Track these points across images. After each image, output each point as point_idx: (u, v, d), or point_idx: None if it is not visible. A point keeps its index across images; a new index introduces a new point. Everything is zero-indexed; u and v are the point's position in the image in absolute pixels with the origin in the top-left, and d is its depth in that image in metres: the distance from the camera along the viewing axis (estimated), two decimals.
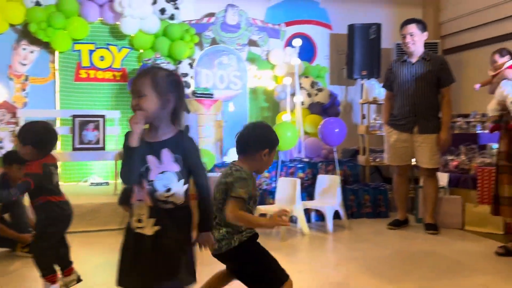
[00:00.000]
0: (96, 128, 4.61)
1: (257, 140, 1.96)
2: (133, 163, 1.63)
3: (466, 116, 4.71)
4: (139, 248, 1.64)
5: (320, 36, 6.16)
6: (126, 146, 1.62)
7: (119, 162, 4.13)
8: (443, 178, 4.20)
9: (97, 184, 4.97)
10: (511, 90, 3.02)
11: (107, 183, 4.98)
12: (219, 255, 1.93)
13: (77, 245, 3.50)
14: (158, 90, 1.63)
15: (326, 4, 6.18)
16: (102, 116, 4.68)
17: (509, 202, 3.14)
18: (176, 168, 1.65)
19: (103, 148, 4.61)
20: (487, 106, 3.18)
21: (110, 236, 3.73)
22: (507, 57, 3.10)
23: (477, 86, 3.30)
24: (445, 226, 3.97)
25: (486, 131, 3.69)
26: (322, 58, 6.17)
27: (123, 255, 1.69)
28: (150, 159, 1.65)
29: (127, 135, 1.62)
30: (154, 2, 5.06)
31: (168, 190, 1.65)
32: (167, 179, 1.65)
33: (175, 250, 1.65)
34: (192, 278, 1.68)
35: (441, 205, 4.02)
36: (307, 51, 6.05)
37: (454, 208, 4.01)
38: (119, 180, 4.35)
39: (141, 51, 5.24)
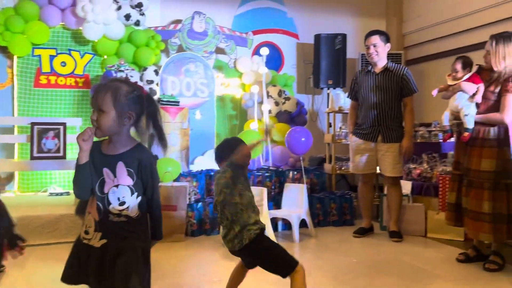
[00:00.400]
0: (57, 136, 4.44)
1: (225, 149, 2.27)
2: (82, 179, 1.63)
3: (428, 125, 4.84)
4: (86, 258, 1.67)
5: (287, 45, 6.20)
6: (76, 162, 1.63)
7: None
8: (406, 186, 4.29)
9: (57, 194, 4.78)
10: (465, 104, 3.12)
11: (67, 193, 4.80)
12: (234, 252, 2.17)
13: (35, 259, 3.35)
14: (118, 107, 1.61)
15: (293, 13, 6.24)
16: (63, 124, 4.51)
17: (454, 208, 3.25)
18: (130, 181, 1.65)
19: (63, 157, 4.44)
20: (443, 114, 3.27)
21: (69, 249, 3.57)
22: (467, 70, 3.20)
23: (435, 91, 3.36)
24: (408, 233, 4.05)
25: (452, 140, 3.80)
26: (290, 67, 6.21)
27: (71, 260, 1.73)
28: (106, 172, 1.65)
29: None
30: (119, 8, 4.95)
31: (122, 203, 1.64)
32: (121, 192, 1.65)
33: (122, 264, 1.63)
34: None
35: (405, 213, 4.09)
36: (275, 60, 6.08)
37: (417, 215, 4.09)
38: None
39: (105, 57, 5.11)
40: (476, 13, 5.23)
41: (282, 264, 2.09)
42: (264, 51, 5.30)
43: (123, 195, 1.64)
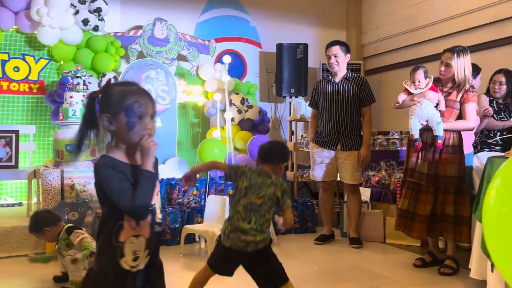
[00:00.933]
0: (8, 144, 4.24)
1: (282, 153, 2.28)
2: (152, 191, 1.47)
3: (386, 133, 4.96)
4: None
5: (250, 54, 6.23)
6: (145, 172, 1.45)
7: (34, 181, 3.82)
8: (365, 193, 4.37)
9: (8, 205, 4.55)
10: (435, 112, 3.22)
11: (20, 204, 4.58)
12: (237, 252, 2.11)
13: None
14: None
15: (256, 22, 6.28)
16: (16, 132, 4.31)
17: (405, 214, 3.34)
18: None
19: (15, 166, 4.23)
20: (409, 123, 3.33)
21: (20, 263, 3.40)
22: (427, 80, 3.31)
23: (400, 99, 3.41)
24: (368, 240, 4.12)
25: (403, 150, 3.90)
26: (252, 75, 6.23)
27: None
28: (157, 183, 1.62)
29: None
30: (77, 12, 4.81)
31: (157, 211, 1.56)
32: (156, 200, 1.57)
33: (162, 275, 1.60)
34: None
35: (364, 219, 4.17)
36: (238, 68, 6.09)
37: (376, 222, 4.18)
38: (34, 200, 4.01)
39: (62, 62, 4.94)
40: (431, 25, 5.45)
41: (281, 273, 2.16)
42: (227, 59, 5.29)
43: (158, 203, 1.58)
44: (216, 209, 3.89)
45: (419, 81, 3.30)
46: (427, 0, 5.51)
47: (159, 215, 1.56)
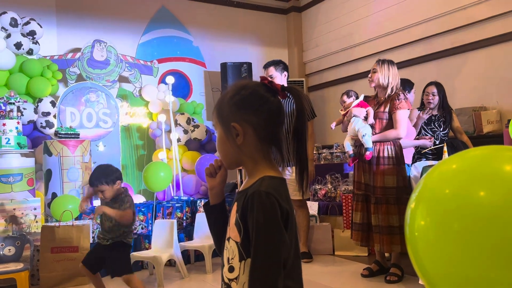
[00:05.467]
0: None
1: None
2: (209, 226, 1.29)
3: (330, 147, 5.11)
4: None
5: (195, 73, 6.22)
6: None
7: None
8: (313, 207, 4.45)
9: None
10: (360, 125, 3.37)
11: None
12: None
13: None
14: (221, 118, 1.21)
15: (198, 42, 6.30)
16: None
17: (360, 227, 3.44)
18: (237, 236, 1.15)
19: None
20: (344, 142, 3.49)
21: None
22: (353, 98, 3.48)
23: (333, 125, 3.65)
24: (318, 253, 4.18)
25: (346, 163, 4.03)
26: (198, 95, 6.22)
27: None
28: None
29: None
30: (8, 36, 4.59)
31: (231, 269, 1.19)
32: (230, 251, 1.20)
33: None
34: None
35: (313, 233, 4.23)
36: (183, 88, 6.06)
37: (325, 234, 4.25)
38: None
39: None
40: (366, 43, 5.72)
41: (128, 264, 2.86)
42: (170, 79, 5.25)
43: (232, 255, 1.10)
44: (164, 234, 3.80)
45: (344, 102, 3.48)
46: (361, 19, 5.80)
47: (227, 273, 1.13)
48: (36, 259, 3.63)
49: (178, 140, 5.21)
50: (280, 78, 4.06)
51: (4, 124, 4.01)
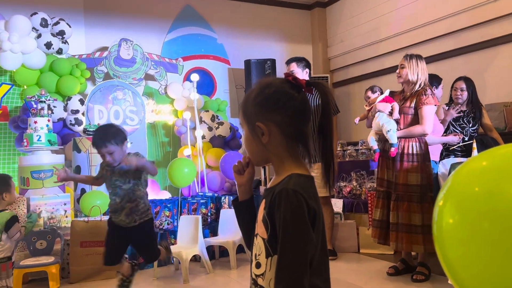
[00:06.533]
0: None
1: None
2: (238, 223, 1.30)
3: (355, 144, 5.05)
4: None
5: (219, 71, 6.25)
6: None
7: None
8: (338, 204, 4.41)
9: None
10: (385, 120, 3.31)
11: None
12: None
13: None
14: (247, 117, 1.20)
15: (223, 40, 6.32)
16: None
17: (379, 224, 3.39)
18: (264, 233, 1.16)
19: None
20: (367, 137, 3.45)
21: None
22: (377, 93, 3.43)
23: (356, 120, 3.62)
24: (343, 250, 4.15)
25: (371, 160, 3.98)
26: (222, 92, 6.25)
27: None
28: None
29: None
30: (39, 36, 4.73)
31: (258, 265, 1.20)
32: (257, 247, 1.22)
33: None
34: None
35: (338, 230, 4.20)
36: (207, 85, 6.10)
37: (350, 232, 4.21)
38: None
39: (25, 87, 4.82)
40: (393, 37, 5.62)
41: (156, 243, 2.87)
42: (195, 77, 5.29)
43: (259, 251, 1.10)
44: (190, 229, 3.85)
45: (368, 97, 3.43)
46: (387, 13, 5.69)
47: (254, 269, 1.15)
48: (66, 253, 3.74)
49: (203, 137, 5.25)
50: (301, 75, 4.04)
51: (35, 122, 4.14)
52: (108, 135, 2.46)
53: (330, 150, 1.15)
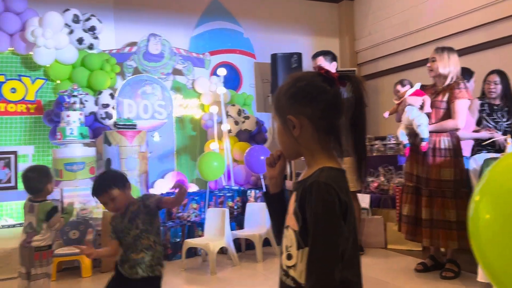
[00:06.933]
0: (7, 165, 4.26)
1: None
2: (269, 213, 1.32)
3: (383, 139, 4.98)
4: None
5: (245, 65, 6.27)
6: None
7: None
8: (365, 199, 4.38)
9: (9, 226, 4.54)
10: (416, 114, 3.25)
11: (20, 225, 4.57)
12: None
13: None
14: (279, 111, 1.21)
15: (249, 34, 6.33)
16: (14, 152, 4.33)
17: (407, 220, 3.34)
18: (295, 225, 1.15)
19: (15, 187, 4.25)
20: (397, 131, 3.40)
21: None
22: (407, 86, 3.37)
23: (386, 114, 3.56)
24: (370, 246, 4.12)
25: (401, 154, 3.92)
26: (248, 86, 6.27)
27: None
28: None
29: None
30: (71, 32, 4.86)
31: (289, 257, 1.19)
32: (288, 239, 1.21)
33: None
34: None
35: (365, 226, 4.17)
36: (233, 80, 6.12)
37: (377, 227, 4.18)
38: None
39: (58, 82, 4.97)
40: (423, 30, 5.49)
41: None
42: (222, 71, 5.33)
43: (290, 243, 1.11)
44: (217, 222, 3.90)
45: (398, 91, 3.38)
46: (418, 5, 5.57)
47: (285, 260, 1.15)
48: (98, 242, 3.85)
49: (229, 131, 5.29)
50: (328, 68, 4.00)
51: (68, 116, 4.27)
52: (106, 180, 2.16)
53: (363, 144, 1.15)
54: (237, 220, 4.35)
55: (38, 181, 2.68)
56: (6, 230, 4.42)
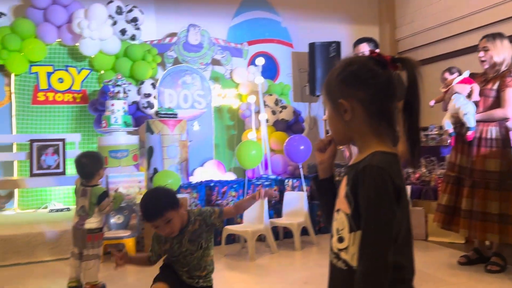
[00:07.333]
0: (56, 152, 4.46)
1: None
2: (318, 199, 1.36)
3: (425, 129, 4.87)
4: None
5: (282, 55, 6.26)
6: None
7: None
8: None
9: (57, 210, 4.78)
10: (462, 103, 3.16)
11: (68, 209, 4.80)
12: None
13: (38, 276, 3.35)
14: (329, 95, 1.21)
15: (287, 23, 6.30)
16: (62, 140, 4.53)
17: (444, 209, 3.26)
18: (347, 208, 1.14)
19: (63, 173, 4.45)
20: (442, 120, 3.31)
21: None
22: (456, 74, 3.27)
23: (432, 102, 3.46)
24: None
25: (446, 144, 3.81)
26: (285, 76, 6.26)
27: None
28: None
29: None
30: (114, 23, 5.00)
31: (340, 239, 1.19)
32: (340, 222, 1.20)
33: None
34: None
35: None
36: (270, 69, 6.13)
37: (418, 219, 4.11)
38: None
39: (102, 72, 5.14)
40: (468, 16, 5.29)
41: None
42: (260, 61, 5.34)
43: (341, 226, 1.12)
44: (255, 210, 3.95)
45: (445, 79, 3.28)
46: None
47: (336, 243, 1.15)
48: (141, 227, 3.99)
49: (267, 121, 5.32)
50: None
51: (112, 105, 4.42)
52: (160, 201, 1.91)
53: (416, 129, 1.14)
54: (275, 209, 4.38)
55: (91, 166, 2.81)
56: (54, 214, 4.65)
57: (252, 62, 5.84)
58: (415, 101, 1.12)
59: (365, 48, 3.90)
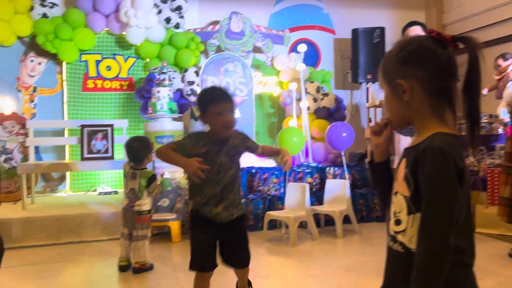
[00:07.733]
0: (105, 137, 4.64)
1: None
2: (373, 182, 1.33)
3: None
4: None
5: (324, 41, 6.19)
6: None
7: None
8: None
9: (106, 193, 4.99)
10: None
11: (115, 192, 5.00)
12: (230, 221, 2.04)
13: (89, 255, 3.53)
14: (387, 76, 1.19)
15: (329, 9, 6.21)
16: (111, 126, 4.71)
17: (508, 202, 3.14)
18: (406, 190, 1.13)
19: (111, 157, 4.63)
20: (498, 108, 3.19)
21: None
22: (510, 60, 3.13)
23: (485, 91, 3.33)
24: None
25: (497, 132, 3.67)
26: (327, 63, 6.19)
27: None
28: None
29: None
30: (159, 12, 5.10)
31: (398, 222, 1.20)
32: (397, 204, 1.20)
33: None
34: None
35: None
36: (312, 56, 6.08)
37: None
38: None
39: (148, 60, 5.28)
40: None
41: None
42: (302, 47, 5.31)
43: (399, 209, 1.12)
44: (296, 196, 3.97)
45: (499, 65, 3.14)
46: None
47: (393, 226, 1.15)
48: (186, 211, 4.10)
49: (308, 108, 5.30)
50: None
51: (158, 92, 4.53)
52: (228, 92, 2.02)
53: (477, 109, 1.11)
54: (316, 196, 4.39)
55: (141, 150, 2.92)
56: (103, 197, 4.87)
57: (293, 49, 5.82)
58: (476, 81, 1.09)
59: (418, 31, 3.79)
